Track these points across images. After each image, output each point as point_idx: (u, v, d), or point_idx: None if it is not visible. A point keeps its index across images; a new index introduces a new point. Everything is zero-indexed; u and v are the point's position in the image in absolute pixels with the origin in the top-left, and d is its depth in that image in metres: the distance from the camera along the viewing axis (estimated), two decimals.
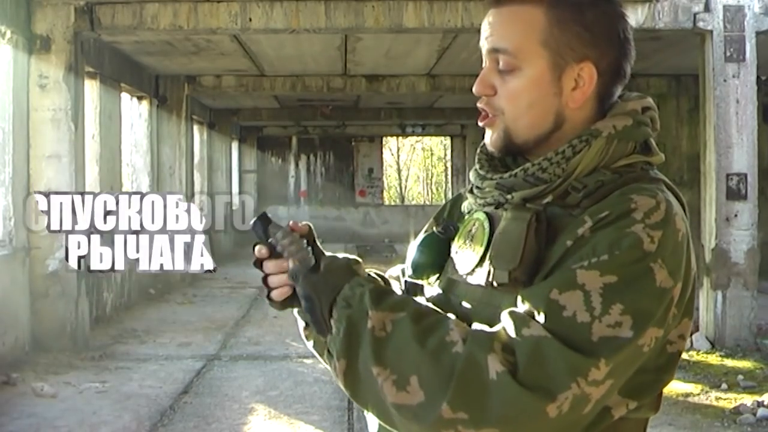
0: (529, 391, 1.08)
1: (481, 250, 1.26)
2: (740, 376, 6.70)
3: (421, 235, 1.50)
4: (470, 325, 1.19)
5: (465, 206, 1.44)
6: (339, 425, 5.69)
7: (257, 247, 1.29)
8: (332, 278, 1.24)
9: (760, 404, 5.85)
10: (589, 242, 1.15)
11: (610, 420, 1.18)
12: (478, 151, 1.41)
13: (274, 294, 1.30)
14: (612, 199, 1.19)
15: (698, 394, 6.26)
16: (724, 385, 6.47)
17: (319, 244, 1.31)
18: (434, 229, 1.42)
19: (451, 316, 1.21)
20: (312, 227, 1.31)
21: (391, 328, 1.16)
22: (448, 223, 1.41)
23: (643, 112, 1.30)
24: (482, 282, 1.24)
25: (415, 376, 1.12)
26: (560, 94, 1.26)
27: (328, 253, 1.28)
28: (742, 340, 7.74)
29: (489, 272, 1.22)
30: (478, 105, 1.30)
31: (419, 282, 1.39)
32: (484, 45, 1.29)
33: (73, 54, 7.78)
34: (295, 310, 1.35)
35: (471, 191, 1.39)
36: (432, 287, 1.36)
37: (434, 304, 1.26)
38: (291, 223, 1.30)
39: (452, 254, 1.35)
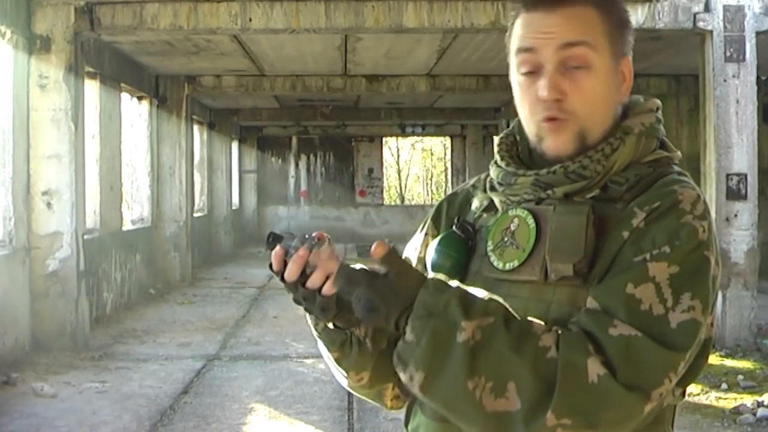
0: (630, 391, 1.09)
1: (528, 245, 1.25)
2: (740, 376, 6.69)
3: (420, 238, 1.47)
4: None
5: (476, 204, 1.41)
6: (339, 425, 5.68)
7: (276, 254, 1.21)
8: (403, 283, 1.17)
9: (760, 404, 5.85)
10: (647, 234, 1.18)
11: (661, 408, 1.21)
12: (498, 148, 1.40)
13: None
14: (657, 191, 1.23)
15: (698, 394, 6.25)
16: (724, 385, 6.46)
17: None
18: (453, 228, 1.38)
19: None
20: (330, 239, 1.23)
21: (481, 335, 1.13)
22: (464, 222, 1.38)
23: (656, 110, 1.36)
24: (534, 277, 1.23)
25: (513, 382, 1.11)
26: (619, 87, 1.31)
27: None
28: (742, 340, 7.74)
29: (545, 267, 1.22)
30: (548, 114, 1.26)
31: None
32: (546, 45, 1.26)
33: (73, 54, 7.78)
34: (308, 316, 1.29)
35: (492, 188, 1.38)
36: (473, 289, 1.24)
37: None
38: (316, 233, 1.22)
39: (487, 252, 1.31)
